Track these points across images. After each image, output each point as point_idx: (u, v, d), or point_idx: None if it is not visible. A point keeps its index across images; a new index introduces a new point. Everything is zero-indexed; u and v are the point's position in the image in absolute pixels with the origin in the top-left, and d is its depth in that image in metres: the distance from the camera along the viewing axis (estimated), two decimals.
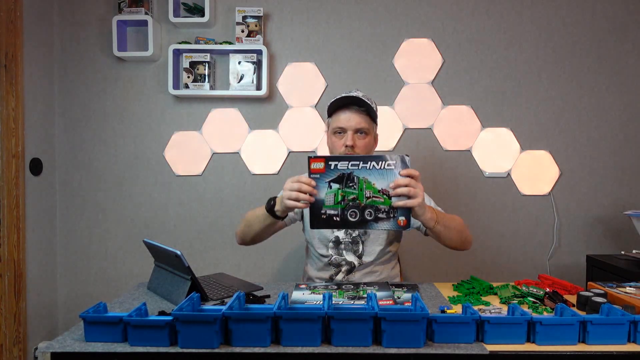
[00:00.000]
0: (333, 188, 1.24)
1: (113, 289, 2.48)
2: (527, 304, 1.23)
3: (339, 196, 1.24)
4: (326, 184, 1.24)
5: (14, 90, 2.15)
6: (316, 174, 1.24)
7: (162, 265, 1.41)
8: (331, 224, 1.27)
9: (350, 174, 1.23)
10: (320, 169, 1.24)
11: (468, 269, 2.42)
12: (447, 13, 2.41)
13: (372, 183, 1.24)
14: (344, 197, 1.24)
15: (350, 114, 1.50)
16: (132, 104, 2.46)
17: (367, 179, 1.23)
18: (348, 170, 1.23)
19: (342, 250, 1.59)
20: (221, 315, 0.95)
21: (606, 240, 2.44)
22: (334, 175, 1.24)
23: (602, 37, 2.39)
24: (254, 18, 2.35)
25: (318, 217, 1.26)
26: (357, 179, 1.23)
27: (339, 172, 1.23)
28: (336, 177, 1.24)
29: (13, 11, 2.13)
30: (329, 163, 1.23)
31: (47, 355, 0.95)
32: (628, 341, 0.99)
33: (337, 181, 1.24)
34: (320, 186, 1.25)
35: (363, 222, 1.25)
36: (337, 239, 1.59)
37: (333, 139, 1.54)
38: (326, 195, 1.25)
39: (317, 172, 1.24)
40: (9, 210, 2.15)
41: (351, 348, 0.95)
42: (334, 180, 1.24)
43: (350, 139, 1.48)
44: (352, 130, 1.49)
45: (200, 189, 2.48)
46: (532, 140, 2.42)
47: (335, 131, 1.53)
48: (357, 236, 1.59)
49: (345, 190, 1.24)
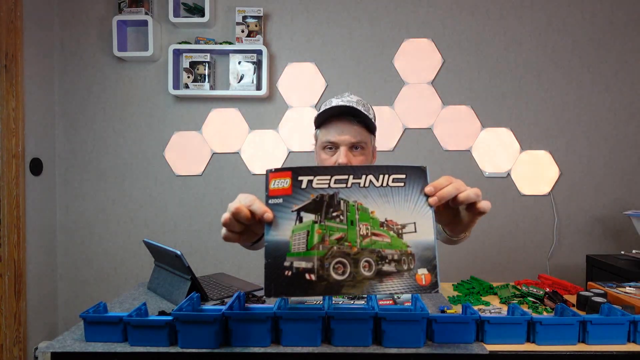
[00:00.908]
0: (305, 222, 0.76)
1: (113, 289, 2.48)
2: (527, 304, 1.23)
3: (314, 235, 0.75)
4: (293, 214, 0.76)
5: (14, 90, 2.15)
6: (278, 197, 0.77)
7: (162, 265, 1.41)
8: (302, 287, 0.74)
9: (333, 195, 0.76)
10: (285, 188, 0.77)
11: (468, 269, 2.42)
12: (447, 13, 2.41)
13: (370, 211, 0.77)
14: (324, 236, 0.76)
15: (343, 126, 1.22)
16: (132, 104, 2.46)
17: (361, 205, 0.77)
18: (330, 189, 0.77)
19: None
20: (221, 315, 0.95)
21: (606, 240, 2.44)
22: (307, 199, 0.77)
23: (602, 37, 2.39)
24: (254, 18, 2.35)
25: (277, 276, 0.74)
26: (345, 205, 0.76)
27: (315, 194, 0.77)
28: (310, 203, 0.76)
29: (13, 11, 2.13)
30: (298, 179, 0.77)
31: (47, 355, 0.95)
32: (628, 341, 0.99)
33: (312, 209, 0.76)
34: (284, 219, 0.76)
35: (357, 281, 0.75)
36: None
37: (322, 156, 1.25)
38: (293, 235, 0.76)
39: (278, 195, 0.77)
40: (9, 210, 2.15)
41: (351, 348, 0.95)
42: (307, 208, 0.76)
43: (343, 156, 1.20)
44: (346, 146, 1.21)
45: (200, 189, 2.48)
46: (532, 140, 2.42)
47: (325, 146, 1.24)
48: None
49: (326, 224, 0.76)
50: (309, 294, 0.74)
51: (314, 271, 0.74)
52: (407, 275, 0.75)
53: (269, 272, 0.74)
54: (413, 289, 0.74)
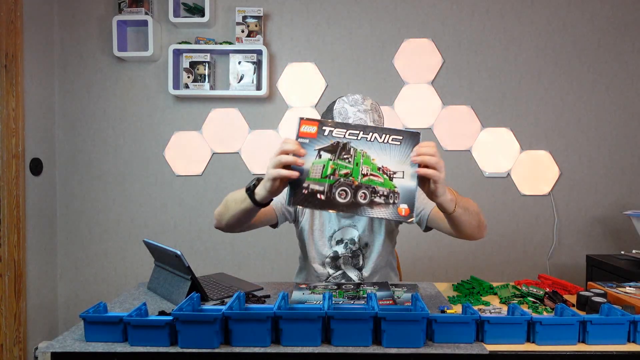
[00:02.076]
0: (323, 158, 1.00)
1: (113, 289, 2.48)
2: (527, 304, 1.23)
3: (328, 168, 1.00)
4: (315, 151, 1.01)
5: (14, 90, 2.15)
6: (305, 138, 1.01)
7: (162, 265, 1.41)
8: (314, 203, 1.01)
9: (346, 144, 1.01)
10: (312, 133, 1.01)
11: (468, 269, 2.42)
12: (447, 13, 2.41)
13: (372, 158, 1.01)
14: (335, 170, 1.00)
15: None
16: (132, 104, 2.46)
17: (365, 153, 1.01)
18: (344, 139, 1.01)
19: (340, 265, 1.50)
20: (221, 315, 0.95)
21: (606, 240, 2.44)
22: (327, 142, 1.01)
23: (602, 37, 2.39)
24: (254, 18, 2.35)
25: (298, 192, 1.00)
26: (354, 151, 1.01)
27: (333, 140, 1.01)
28: (329, 146, 1.01)
29: (13, 11, 2.13)
30: (322, 128, 1.01)
31: (47, 355, 0.95)
32: (628, 341, 0.99)
33: (329, 150, 1.01)
34: (309, 154, 1.01)
35: (354, 205, 1.00)
36: (335, 254, 1.49)
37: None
38: (313, 165, 1.00)
39: (306, 137, 1.01)
40: (9, 210, 2.15)
41: (351, 348, 0.95)
42: (326, 149, 1.01)
43: None
44: None
45: (200, 189, 2.48)
46: (532, 140, 2.43)
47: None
48: (357, 250, 1.49)
49: (338, 162, 1.00)
50: (317, 208, 1.18)
51: (324, 193, 0.99)
52: (391, 207, 1.00)
53: (292, 188, 1.00)
54: (394, 217, 1.00)
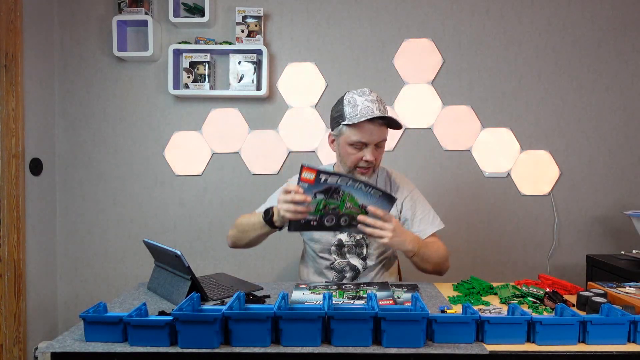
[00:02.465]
0: (317, 198, 1.27)
1: (113, 289, 2.48)
2: (527, 304, 1.23)
3: (321, 205, 1.28)
4: (312, 193, 1.26)
5: (14, 90, 2.15)
6: (304, 182, 1.25)
7: (162, 265, 1.41)
8: (307, 227, 1.33)
9: (337, 187, 1.26)
10: (310, 179, 1.24)
11: (468, 269, 2.42)
12: (447, 13, 2.41)
13: (355, 198, 1.29)
14: (326, 206, 1.28)
15: (374, 129, 1.42)
16: (132, 104, 2.46)
17: (351, 194, 1.28)
18: (336, 184, 1.26)
19: (345, 253, 1.58)
20: (221, 315, 0.95)
21: (606, 240, 2.44)
22: (321, 188, 1.26)
23: (602, 37, 2.39)
24: (254, 18, 2.35)
25: (296, 222, 1.31)
26: (342, 193, 1.27)
27: (327, 186, 1.25)
28: (323, 190, 1.26)
29: (13, 11, 2.13)
30: (319, 177, 1.24)
31: (47, 355, 0.95)
32: (628, 341, 0.99)
33: (323, 192, 1.27)
34: (306, 195, 1.27)
35: (337, 226, 1.33)
36: (339, 242, 1.58)
37: (348, 150, 1.45)
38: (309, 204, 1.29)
39: (305, 182, 1.25)
40: (9, 210, 2.15)
41: (351, 348, 0.95)
42: (321, 192, 1.26)
43: (370, 155, 1.43)
44: (374, 144, 1.44)
45: (200, 189, 2.48)
46: (532, 140, 2.42)
47: (353, 143, 1.44)
48: (361, 239, 1.58)
49: (328, 200, 1.28)
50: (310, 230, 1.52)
51: (316, 221, 1.32)
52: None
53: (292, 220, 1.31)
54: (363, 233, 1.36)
